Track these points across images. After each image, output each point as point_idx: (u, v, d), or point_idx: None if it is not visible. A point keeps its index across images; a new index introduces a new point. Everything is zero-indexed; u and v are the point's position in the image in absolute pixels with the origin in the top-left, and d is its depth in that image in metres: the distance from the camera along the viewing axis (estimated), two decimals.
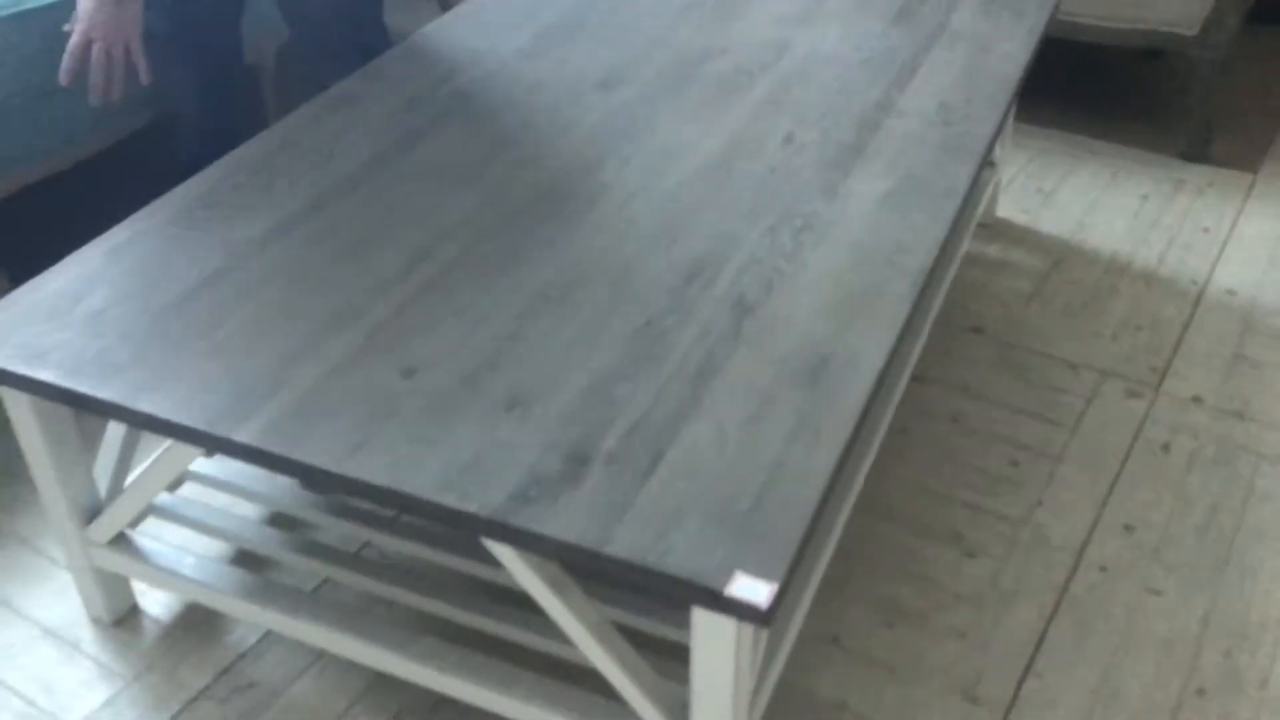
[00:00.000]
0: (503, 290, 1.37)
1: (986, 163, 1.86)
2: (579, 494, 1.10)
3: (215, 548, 1.62)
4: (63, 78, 1.66)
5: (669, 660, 1.31)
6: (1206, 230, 2.27)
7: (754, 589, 1.01)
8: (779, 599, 1.01)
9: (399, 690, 1.45)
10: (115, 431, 1.50)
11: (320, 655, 1.49)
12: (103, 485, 1.47)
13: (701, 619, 1.08)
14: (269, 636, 1.51)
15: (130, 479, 1.51)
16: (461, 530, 1.11)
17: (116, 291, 1.37)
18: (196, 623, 1.53)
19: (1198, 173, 2.45)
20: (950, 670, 1.47)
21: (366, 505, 1.55)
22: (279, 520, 1.65)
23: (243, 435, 1.17)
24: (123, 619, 1.54)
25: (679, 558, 1.04)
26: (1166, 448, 1.79)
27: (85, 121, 2.03)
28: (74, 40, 1.64)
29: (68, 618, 1.54)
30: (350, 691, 1.45)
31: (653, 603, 1.39)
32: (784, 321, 1.31)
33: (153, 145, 2.26)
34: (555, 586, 1.17)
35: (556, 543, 1.06)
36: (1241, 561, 1.61)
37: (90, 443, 1.69)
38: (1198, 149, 2.47)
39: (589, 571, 1.11)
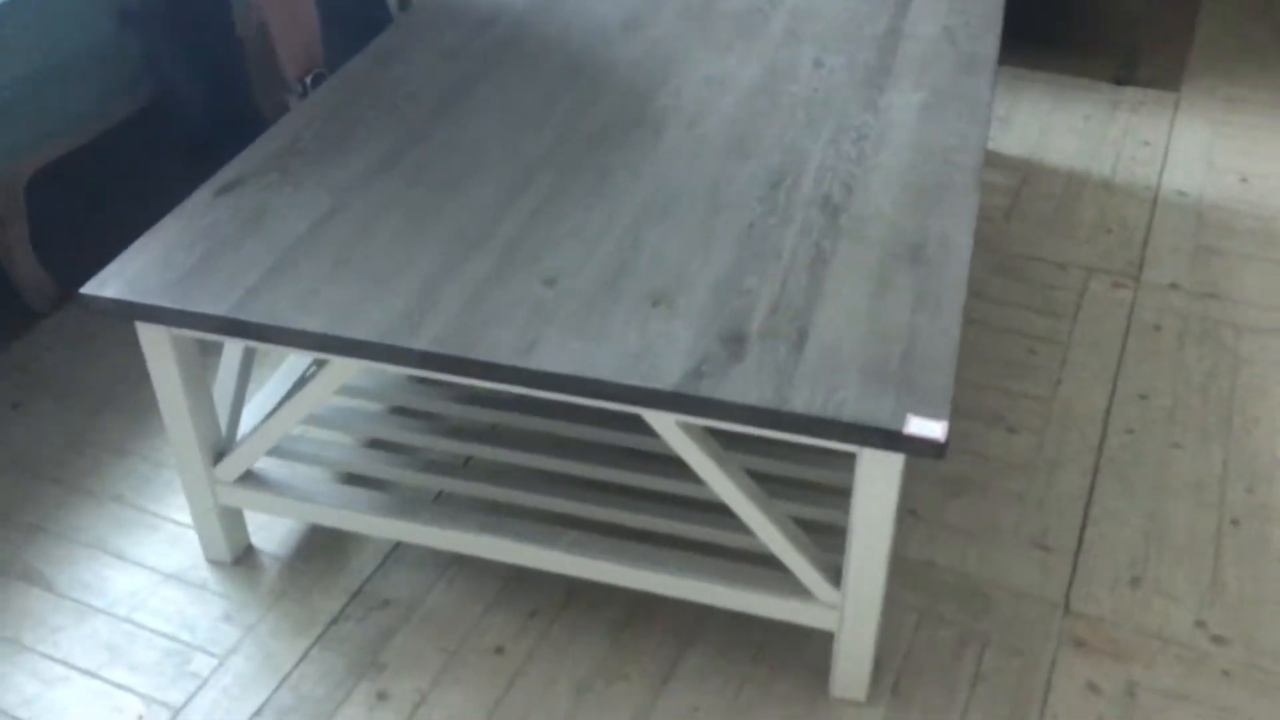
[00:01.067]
0: (606, 209, 1.47)
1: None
2: (745, 367, 1.22)
3: (323, 479, 1.68)
4: None
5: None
6: (1147, 143, 2.50)
7: (929, 427, 1.14)
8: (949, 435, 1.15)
9: (529, 591, 1.54)
10: (229, 371, 1.55)
11: (446, 568, 1.57)
12: (222, 425, 1.52)
13: (869, 463, 1.21)
14: (391, 558, 1.59)
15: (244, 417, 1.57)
16: (646, 407, 1.21)
17: (238, 232, 1.42)
18: (314, 554, 1.59)
19: (1129, 94, 2.68)
20: (1018, 527, 1.63)
21: (458, 423, 1.62)
22: (376, 445, 1.71)
23: (421, 343, 1.25)
24: (240, 558, 1.59)
25: (853, 409, 1.17)
26: (1158, 328, 1.99)
27: (89, 102, 2.03)
28: None
29: (185, 563, 1.59)
30: (483, 597, 1.53)
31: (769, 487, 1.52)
32: (872, 215, 1.45)
33: (154, 123, 2.28)
34: (717, 460, 1.29)
35: (740, 407, 1.18)
36: (1243, 414, 1.81)
37: None
38: (1127, 73, 2.71)
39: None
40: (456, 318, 1.29)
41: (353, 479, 1.67)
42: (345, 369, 1.35)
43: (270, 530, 1.63)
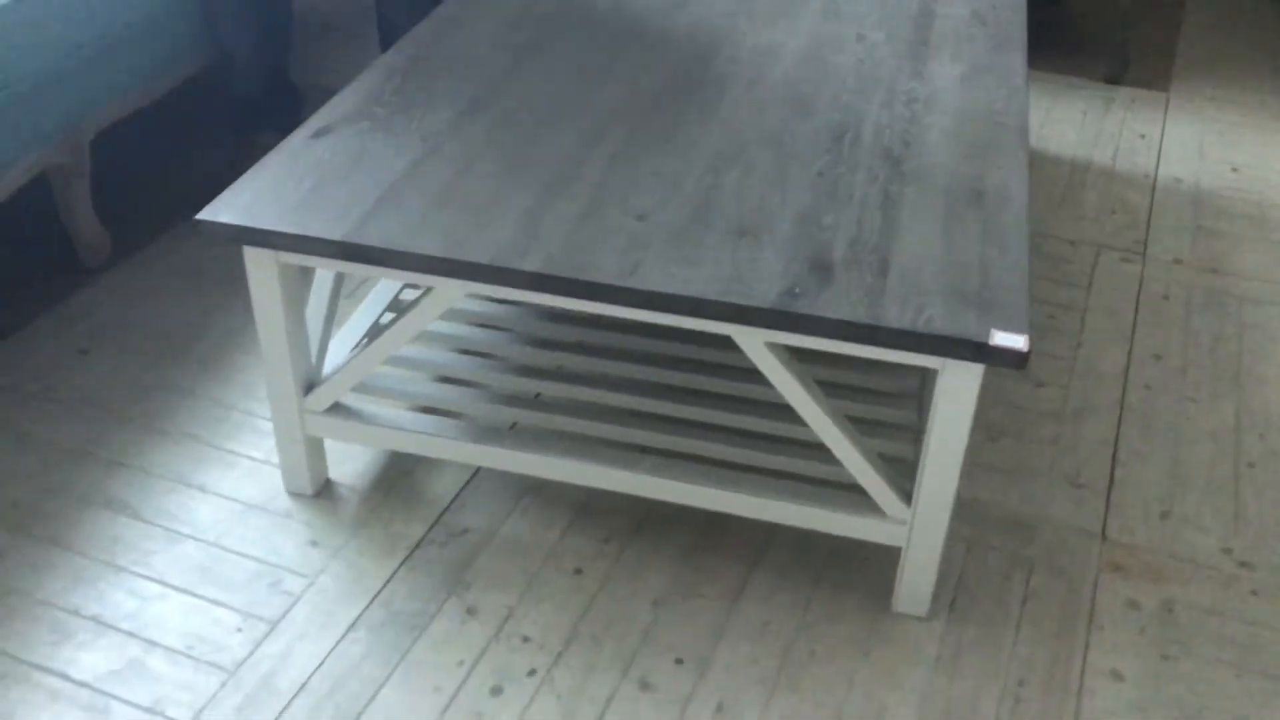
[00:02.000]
0: (683, 156, 1.56)
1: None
2: (836, 289, 1.32)
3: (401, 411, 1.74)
4: None
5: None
6: (1143, 136, 2.65)
7: (1012, 339, 1.25)
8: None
9: (601, 519, 1.62)
10: (318, 303, 1.62)
11: (520, 498, 1.65)
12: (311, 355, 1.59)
13: (950, 377, 1.31)
14: (467, 488, 1.66)
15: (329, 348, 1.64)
16: (742, 324, 1.31)
17: (341, 169, 1.50)
18: (391, 487, 1.66)
19: (1121, 93, 2.83)
20: (1053, 467, 1.74)
21: (528, 363, 1.70)
22: (448, 382, 1.78)
23: (532, 265, 1.34)
24: (321, 491, 1.65)
25: (942, 324, 1.27)
26: (1166, 297, 2.12)
27: (151, 65, 2.10)
28: None
29: (266, 495, 1.65)
30: (558, 524, 1.61)
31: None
32: (931, 166, 1.56)
33: (205, 89, 2.35)
34: (801, 380, 1.38)
35: (835, 322, 1.27)
36: (1251, 373, 1.94)
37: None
38: (1118, 73, 2.86)
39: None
40: (559, 245, 1.37)
41: (428, 412, 1.73)
42: (450, 294, 1.42)
43: (346, 464, 1.69)
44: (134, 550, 1.56)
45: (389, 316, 1.79)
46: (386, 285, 1.82)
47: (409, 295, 1.83)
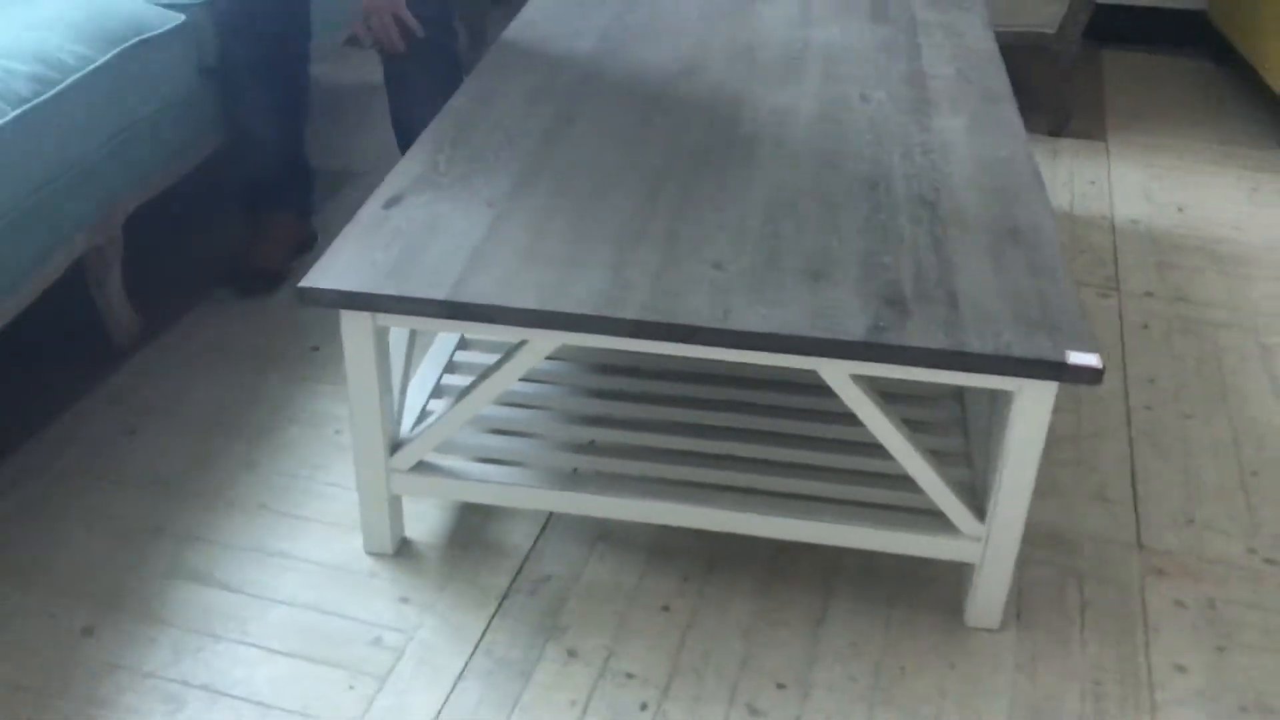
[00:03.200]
0: (738, 209, 1.67)
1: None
2: (916, 321, 1.42)
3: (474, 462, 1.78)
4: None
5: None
6: (1093, 183, 2.85)
7: (1088, 358, 1.37)
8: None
9: (676, 557, 1.69)
10: (396, 362, 1.67)
11: (595, 544, 1.70)
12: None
13: (1026, 397, 1.42)
14: (542, 538, 1.71)
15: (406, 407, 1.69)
16: (833, 358, 1.40)
17: (422, 236, 1.56)
18: (467, 541, 1.70)
19: (1065, 144, 3.03)
20: (1079, 484, 1.86)
21: (584, 411, 1.77)
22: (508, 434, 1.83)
23: (630, 313, 1.42)
24: (400, 550, 1.69)
25: (1021, 348, 1.38)
26: (1146, 326, 2.29)
27: (176, 147, 2.14)
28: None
29: (346, 556, 1.68)
30: (636, 566, 1.67)
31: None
32: (964, 208, 1.69)
33: (218, 169, 2.38)
34: (883, 409, 1.48)
35: (924, 351, 1.38)
36: (1235, 390, 2.11)
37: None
38: (1060, 126, 3.07)
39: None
40: (650, 294, 1.46)
41: (495, 463, 1.78)
42: (545, 346, 1.49)
43: (419, 522, 1.73)
44: (229, 619, 1.57)
45: (455, 379, 1.84)
46: (444, 342, 1.88)
47: (463, 355, 1.89)
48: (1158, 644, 1.59)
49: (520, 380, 1.87)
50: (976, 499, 1.58)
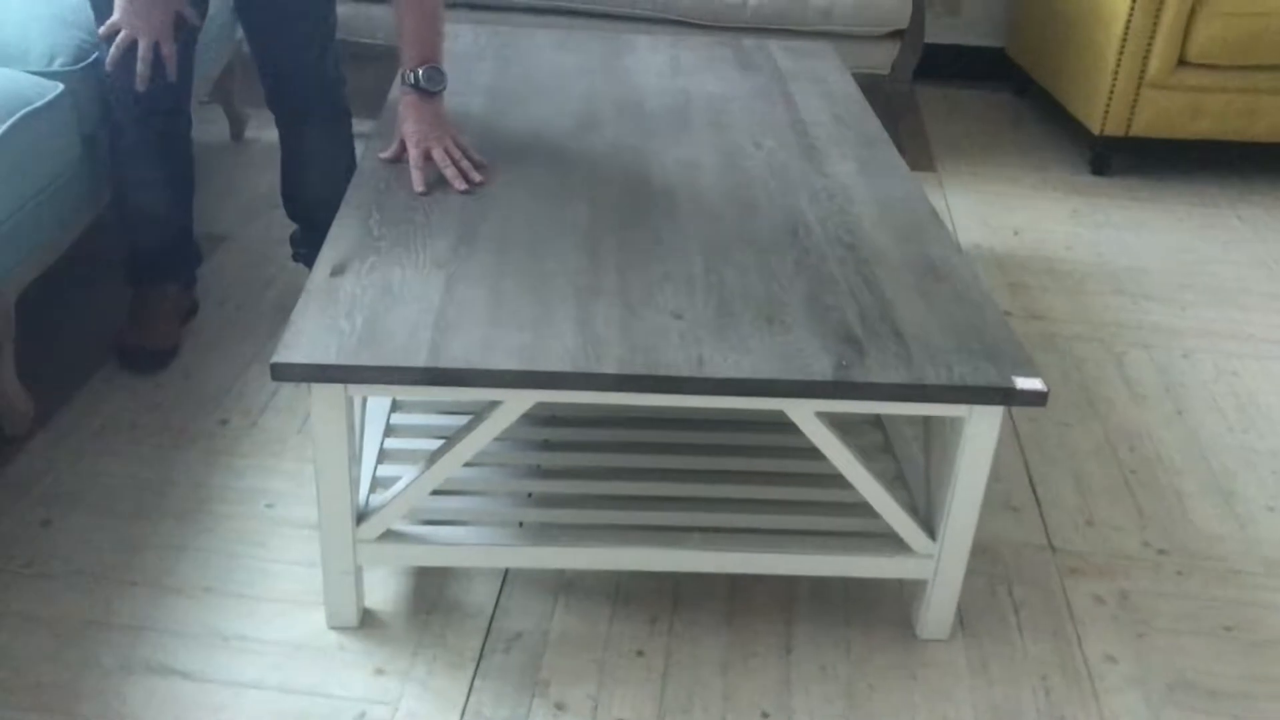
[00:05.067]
0: (679, 259, 1.73)
1: None
2: (874, 358, 1.52)
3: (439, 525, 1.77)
4: (108, 64, 1.97)
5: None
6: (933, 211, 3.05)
7: (1033, 383, 1.49)
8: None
9: (640, 600, 1.73)
10: (372, 429, 1.65)
11: (556, 595, 1.72)
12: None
13: (976, 422, 1.53)
14: (503, 594, 1.72)
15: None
16: (802, 398, 1.48)
17: (381, 302, 1.56)
18: (432, 605, 1.69)
19: None
20: (988, 496, 2.01)
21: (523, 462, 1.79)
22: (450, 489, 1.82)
23: (610, 368, 1.45)
24: (363, 621, 1.66)
25: (973, 377, 1.49)
26: None
27: (61, 222, 2.03)
28: (108, 28, 1.97)
29: (308, 632, 1.64)
30: (603, 613, 1.70)
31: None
32: (880, 248, 1.80)
33: (93, 240, 2.27)
34: (843, 440, 1.57)
35: (890, 386, 1.47)
36: (1102, 398, 2.31)
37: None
38: None
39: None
40: (623, 348, 1.50)
41: (450, 524, 1.77)
42: (520, 405, 1.51)
43: (377, 590, 1.71)
44: (200, 710, 1.51)
45: (395, 442, 1.83)
46: (376, 404, 1.86)
47: (399, 418, 1.88)
48: (1087, 638, 1.73)
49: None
50: (923, 519, 1.68)
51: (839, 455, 1.58)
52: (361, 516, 1.59)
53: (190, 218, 2.25)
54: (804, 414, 1.54)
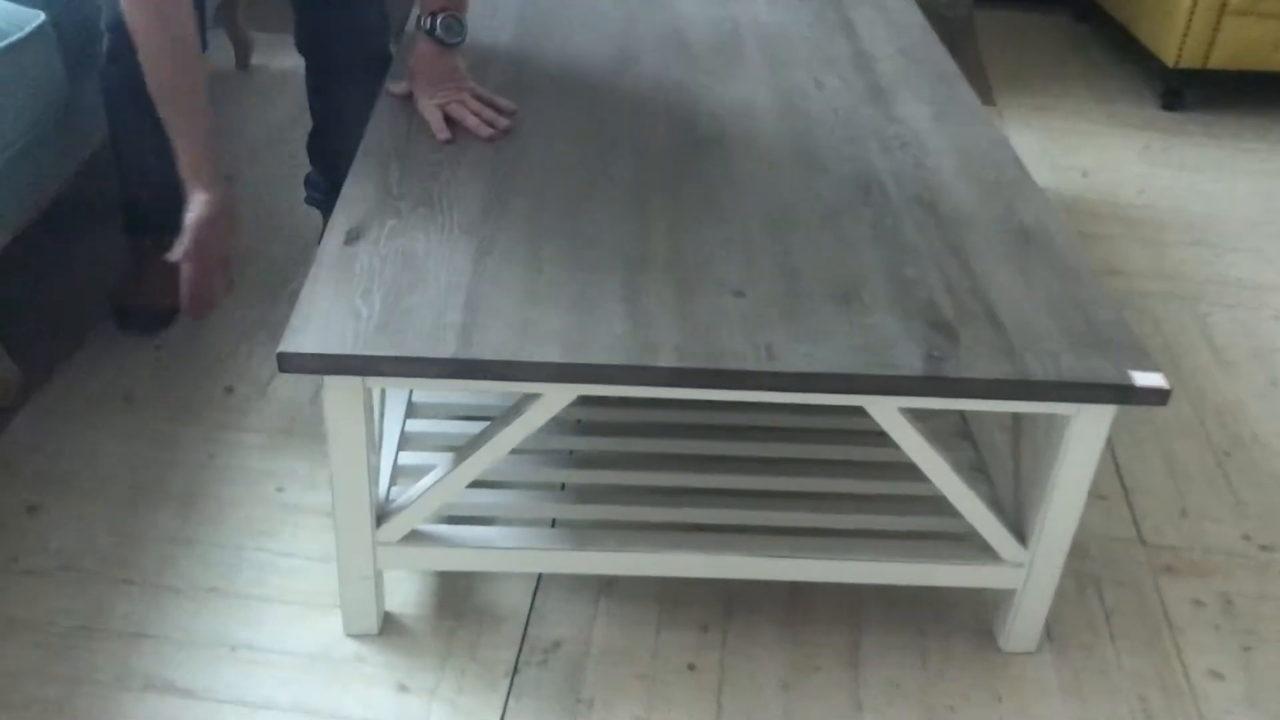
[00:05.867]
0: (736, 222, 1.52)
1: None
2: (969, 347, 1.32)
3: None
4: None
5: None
6: (1020, 163, 2.82)
7: (1153, 379, 1.29)
8: None
9: (690, 605, 1.55)
10: (394, 408, 1.47)
11: (596, 599, 1.55)
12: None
13: (1085, 419, 1.34)
14: (538, 596, 1.55)
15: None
16: (888, 395, 1.29)
17: (401, 277, 1.36)
18: (459, 610, 1.53)
19: None
20: None
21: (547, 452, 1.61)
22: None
23: (666, 360, 1.26)
24: (384, 628, 1.50)
25: (1082, 371, 1.30)
26: None
27: (40, 177, 1.83)
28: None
29: (323, 641, 1.47)
30: (649, 620, 1.53)
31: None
32: (964, 209, 1.59)
33: (82, 190, 2.07)
34: (929, 440, 1.38)
35: (988, 382, 1.28)
36: (1188, 366, 2.11)
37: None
38: None
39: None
40: (679, 334, 1.31)
41: (474, 522, 1.59)
42: (562, 398, 1.32)
43: (398, 592, 1.54)
44: None
45: (418, 425, 1.65)
46: (397, 393, 1.68)
47: (422, 394, 1.69)
48: (1187, 649, 1.56)
49: (461, 419, 1.69)
50: (1012, 523, 1.50)
51: (925, 456, 1.38)
52: (382, 516, 1.41)
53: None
54: (886, 410, 1.35)
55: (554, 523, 1.57)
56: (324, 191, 2.16)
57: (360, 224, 1.46)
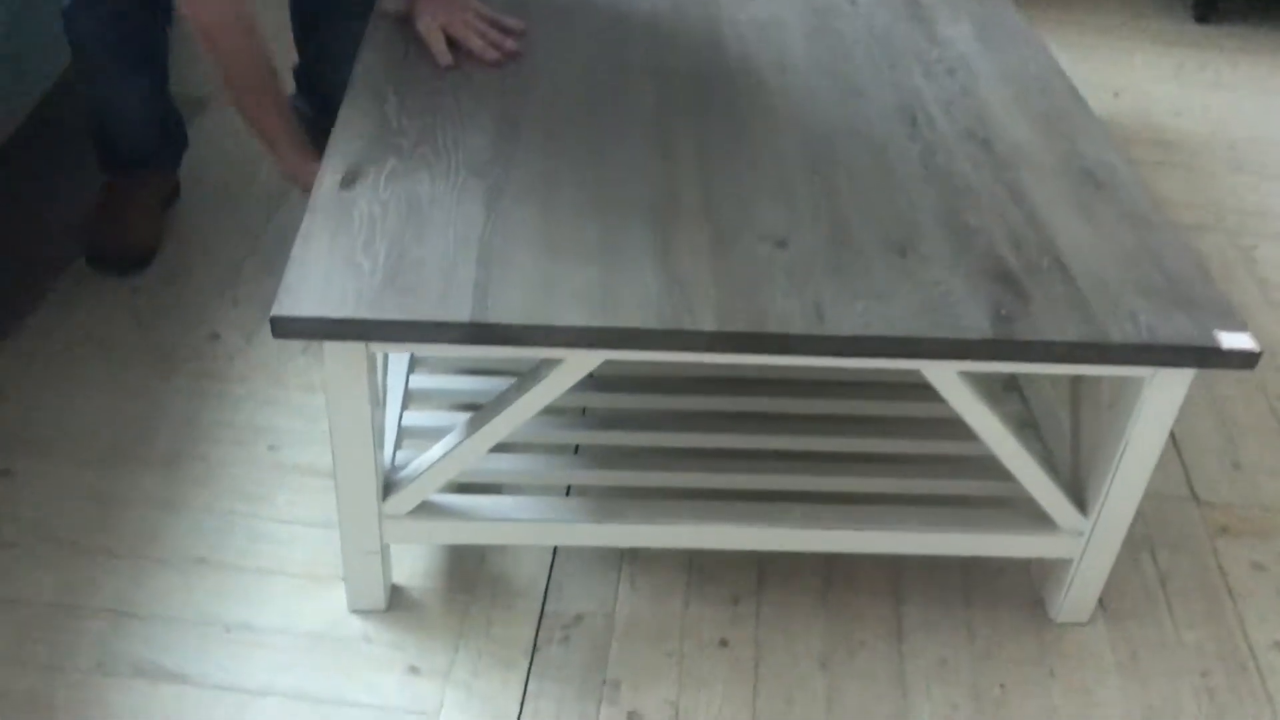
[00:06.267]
0: (774, 161, 1.38)
1: None
2: (1039, 306, 1.19)
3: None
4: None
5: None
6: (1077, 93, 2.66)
7: (1241, 339, 1.17)
8: None
9: (720, 573, 1.44)
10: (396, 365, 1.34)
11: (619, 566, 1.44)
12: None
13: (1161, 382, 1.22)
14: (555, 567, 1.43)
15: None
16: (952, 359, 1.16)
17: (405, 226, 1.22)
18: (471, 582, 1.41)
19: None
20: None
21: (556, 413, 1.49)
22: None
23: (707, 324, 1.13)
24: (391, 603, 1.38)
25: (1169, 332, 1.17)
26: None
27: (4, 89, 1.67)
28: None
29: (327, 618, 1.36)
30: (676, 591, 1.42)
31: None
32: (1021, 145, 1.45)
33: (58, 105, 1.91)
34: (989, 404, 1.26)
35: (1068, 346, 1.15)
36: (1235, 306, 1.99)
37: None
38: None
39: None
40: (718, 292, 1.17)
41: (482, 489, 1.47)
42: (586, 364, 1.19)
43: (405, 562, 1.43)
44: None
45: (424, 380, 1.52)
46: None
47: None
48: (1250, 619, 1.46)
49: (464, 373, 1.57)
50: (1070, 489, 1.38)
51: (979, 417, 1.26)
52: (389, 487, 1.29)
53: (168, 96, 1.87)
54: (945, 374, 1.22)
55: (569, 490, 1.46)
56: (309, 124, 2.00)
57: (357, 163, 1.31)
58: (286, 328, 1.10)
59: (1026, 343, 1.15)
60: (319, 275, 1.15)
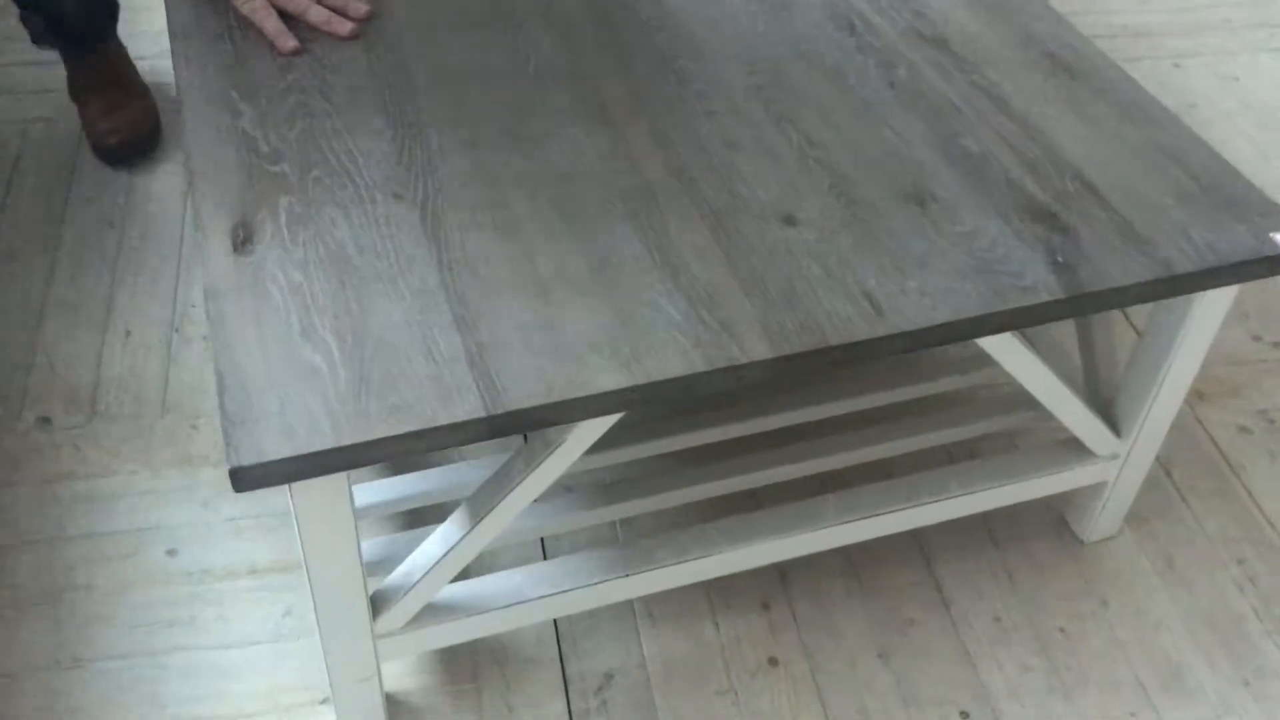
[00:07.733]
0: (727, 111, 1.16)
1: None
2: (1089, 243, 1.05)
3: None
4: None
5: None
6: None
7: None
8: None
9: (739, 590, 1.28)
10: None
11: (630, 605, 1.26)
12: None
13: (1207, 299, 1.11)
14: (564, 625, 1.23)
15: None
16: (1026, 326, 1.01)
17: (360, 302, 0.94)
18: (473, 664, 1.20)
19: None
20: None
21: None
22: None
23: (759, 350, 0.93)
24: (393, 715, 1.15)
25: (1227, 248, 1.05)
26: None
27: None
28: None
29: None
30: (701, 614, 1.25)
31: None
32: (974, 41, 1.28)
33: None
34: (1034, 352, 1.12)
35: (1139, 286, 1.02)
36: None
37: None
38: None
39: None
40: (754, 307, 0.97)
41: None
42: (603, 424, 0.97)
43: (389, 671, 1.19)
44: None
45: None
46: None
47: None
48: (1258, 491, 1.42)
49: None
50: (1100, 409, 1.28)
51: (1033, 370, 1.13)
52: (377, 605, 1.05)
53: None
54: (1002, 347, 1.08)
55: (543, 547, 1.25)
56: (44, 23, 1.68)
57: (242, 214, 1.01)
58: (251, 478, 0.83)
59: (1098, 293, 1.01)
60: (269, 394, 0.87)
